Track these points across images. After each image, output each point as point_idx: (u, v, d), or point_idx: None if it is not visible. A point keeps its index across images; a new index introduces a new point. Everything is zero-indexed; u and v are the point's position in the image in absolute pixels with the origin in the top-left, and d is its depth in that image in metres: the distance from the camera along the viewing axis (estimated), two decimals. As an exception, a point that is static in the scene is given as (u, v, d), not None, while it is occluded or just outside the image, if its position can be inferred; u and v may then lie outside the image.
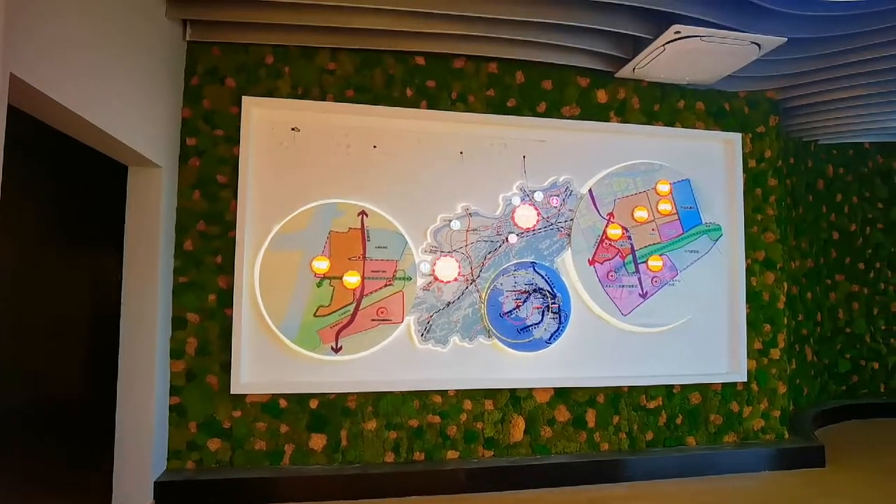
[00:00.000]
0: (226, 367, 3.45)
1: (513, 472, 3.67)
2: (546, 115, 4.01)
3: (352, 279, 3.59)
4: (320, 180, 3.66)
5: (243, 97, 3.57)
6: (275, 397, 3.52)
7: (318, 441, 3.56)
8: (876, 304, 6.04)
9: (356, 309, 3.59)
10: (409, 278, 3.68)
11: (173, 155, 3.44)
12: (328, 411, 3.58)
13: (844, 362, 5.90)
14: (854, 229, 6.04)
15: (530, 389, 3.86)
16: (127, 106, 2.73)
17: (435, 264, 3.74)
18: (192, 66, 3.56)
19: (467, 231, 3.82)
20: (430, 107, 3.84)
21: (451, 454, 3.72)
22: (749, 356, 4.25)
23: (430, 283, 3.74)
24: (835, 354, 5.86)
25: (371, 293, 3.61)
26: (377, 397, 3.64)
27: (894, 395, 5.99)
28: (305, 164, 3.66)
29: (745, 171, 4.35)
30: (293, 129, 3.67)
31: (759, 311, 4.32)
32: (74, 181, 2.71)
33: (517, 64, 3.96)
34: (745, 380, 4.22)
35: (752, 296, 4.30)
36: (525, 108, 3.98)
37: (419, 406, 3.69)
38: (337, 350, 3.56)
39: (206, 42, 3.56)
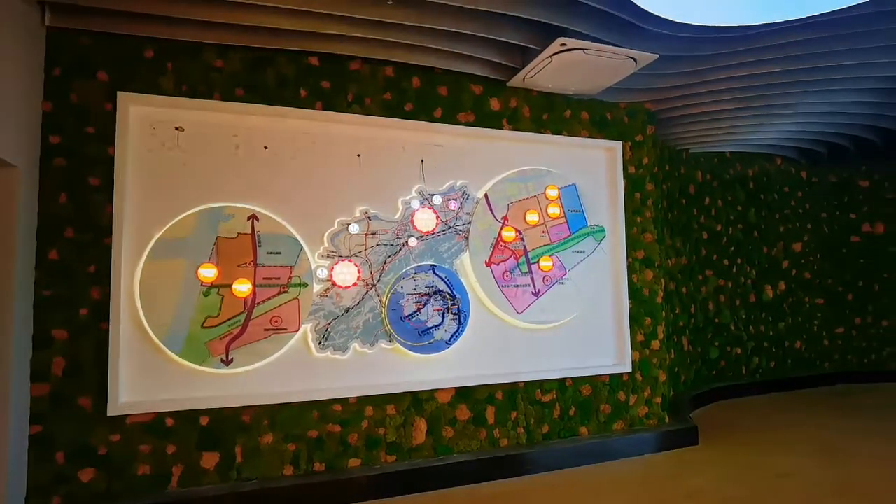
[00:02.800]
0: (101, 388, 3.15)
1: (416, 474, 3.67)
2: (442, 120, 4.07)
3: (242, 287, 3.42)
4: (207, 183, 3.45)
5: (119, 93, 3.28)
6: (159, 416, 3.26)
7: (210, 459, 3.35)
8: (738, 296, 6.77)
9: (247, 318, 3.42)
10: (305, 284, 3.57)
11: (32, 153, 3.08)
12: (221, 427, 3.38)
13: (714, 350, 6.54)
14: (720, 229, 6.72)
15: (432, 391, 3.90)
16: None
17: (333, 269, 3.66)
18: (55, 56, 3.21)
19: (366, 235, 3.78)
20: (325, 108, 3.76)
21: (353, 462, 3.66)
22: (633, 348, 4.59)
23: (328, 288, 3.65)
24: (706, 343, 6.49)
25: (263, 301, 3.46)
26: (274, 410, 3.49)
27: (753, 376, 6.75)
28: (190, 166, 3.43)
29: (625, 176, 4.69)
30: (177, 129, 3.44)
31: (640, 305, 4.67)
32: None
33: (413, 69, 3.99)
34: (630, 370, 4.54)
35: (633, 292, 4.64)
36: (422, 112, 4.02)
37: (318, 416, 3.59)
38: (227, 362, 3.37)
39: (72, 29, 3.23)
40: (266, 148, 3.61)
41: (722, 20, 3.39)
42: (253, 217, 3.49)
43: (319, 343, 3.60)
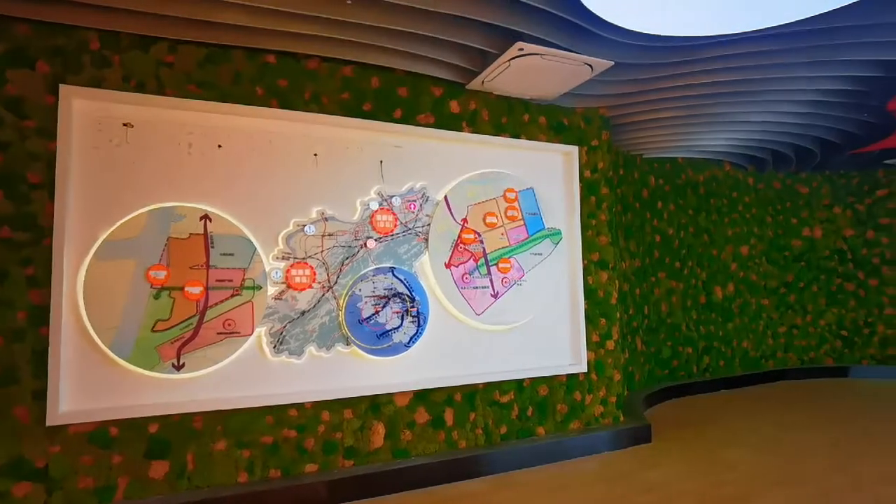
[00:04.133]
0: (40, 396, 2.98)
1: (374, 479, 3.63)
2: (402, 121, 4.06)
3: (194, 289, 3.31)
4: (157, 182, 3.33)
5: (61, 86, 3.13)
6: (104, 425, 3.12)
7: (159, 468, 3.22)
8: (689, 297, 7.00)
9: (200, 322, 3.32)
10: (259, 287, 3.49)
11: (-35, 149, 2.91)
12: (171, 434, 3.26)
13: (667, 349, 6.75)
14: (672, 233, 6.94)
15: (390, 394, 3.87)
16: None
17: (288, 271, 3.59)
18: (-10, 45, 3.04)
19: (323, 236, 3.72)
20: (282, 107, 3.69)
21: (310, 467, 3.59)
22: (588, 348, 4.68)
23: (283, 291, 3.58)
24: (659, 343, 6.68)
25: (216, 304, 3.36)
26: (227, 415, 3.39)
27: (704, 375, 6.99)
28: (140, 164, 3.30)
29: (581, 180, 4.79)
30: (125, 125, 3.30)
31: (595, 306, 4.77)
32: None
33: (373, 69, 3.97)
34: (586, 370, 4.63)
35: (589, 293, 4.74)
36: (381, 113, 4.00)
37: (273, 421, 3.51)
38: (179, 367, 3.25)
39: (9, 17, 3.06)
40: (220, 147, 3.51)
41: (673, 30, 3.51)
42: (205, 217, 3.39)
43: (274, 347, 3.52)
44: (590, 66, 3.87)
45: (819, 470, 3.89)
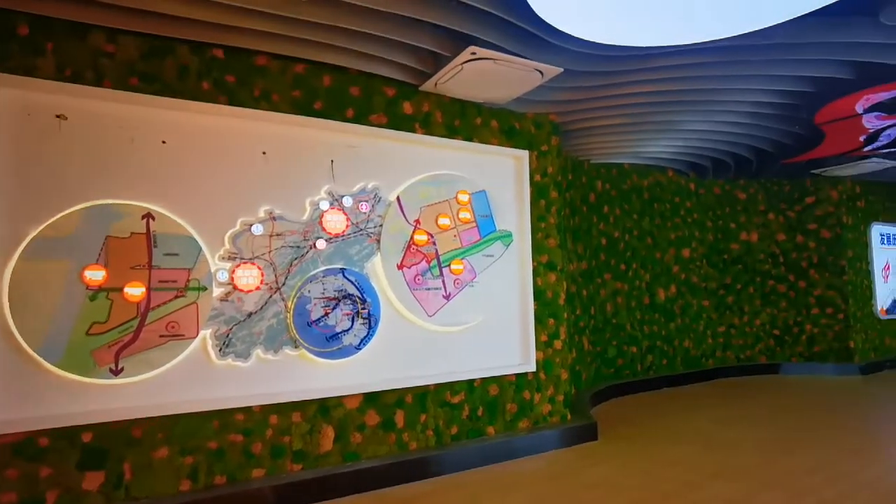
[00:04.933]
0: (-41, 404, 2.79)
1: (323, 482, 3.58)
2: (354, 121, 4.02)
3: (135, 291, 3.18)
4: (94, 178, 3.17)
5: (-15, 73, 2.95)
6: (31, 435, 2.94)
7: (93, 480, 3.07)
8: (633, 298, 7.24)
9: (141, 324, 3.18)
10: (205, 288, 3.38)
11: None
12: (107, 443, 3.10)
13: (612, 349, 6.95)
14: (617, 236, 7.16)
15: (340, 397, 3.82)
16: None
17: (234, 272, 3.49)
18: None
19: (271, 236, 3.64)
20: (230, 103, 3.59)
21: (257, 472, 3.51)
22: (537, 348, 4.77)
23: (230, 292, 3.48)
24: (605, 342, 6.88)
25: (159, 306, 3.23)
26: (169, 421, 3.26)
27: (647, 373, 7.25)
28: (75, 159, 3.14)
29: (531, 184, 4.88)
30: (59, 117, 3.13)
31: (544, 307, 4.87)
32: None
33: (325, 67, 3.92)
34: (535, 369, 4.72)
35: (538, 294, 4.83)
36: (333, 112, 3.95)
37: (219, 426, 3.40)
38: (117, 372, 3.11)
39: (-71, 1, 2.86)
40: (164, 142, 3.38)
41: (620, 40, 3.62)
42: (148, 216, 3.26)
43: (220, 350, 3.41)
44: (540, 72, 3.94)
45: (752, 463, 4.10)
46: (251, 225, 3.58)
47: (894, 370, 8.21)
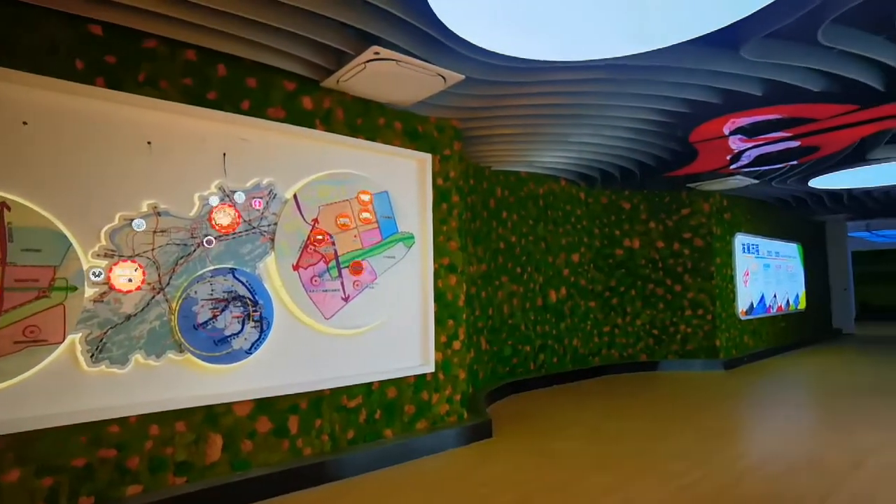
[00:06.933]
0: None
1: (209, 494, 3.38)
2: (250, 113, 3.84)
3: (-15, 291, 2.81)
4: (-65, 161, 2.77)
5: None
6: None
7: (-74, 508, 2.67)
8: (528, 299, 7.56)
9: (-9, 328, 2.82)
10: (74, 288, 3.06)
11: None
12: (-55, 465, 2.72)
13: (508, 348, 7.21)
14: (514, 240, 7.44)
15: (229, 404, 3.63)
16: None
17: (111, 271, 3.20)
18: None
19: (154, 232, 3.38)
20: (109, 86, 3.28)
21: (133, 489, 3.23)
22: (437, 349, 4.83)
23: (105, 293, 3.18)
24: (501, 342, 7.11)
25: (15, 308, 2.85)
26: (25, 439, 2.90)
27: (540, 371, 7.59)
28: None
29: (434, 187, 4.94)
30: None
31: (444, 308, 4.94)
32: None
33: (220, 56, 3.70)
34: (434, 370, 4.77)
35: (438, 296, 4.89)
36: (227, 103, 3.74)
37: (88, 440, 3.09)
38: (-40, 383, 2.73)
39: None
40: (25, 123, 3.01)
41: (517, 52, 3.76)
42: (2, 206, 2.89)
43: (92, 356, 3.11)
44: (443, 77, 4.00)
45: (630, 452, 4.43)
46: (132, 220, 3.30)
47: (751, 364, 9.26)
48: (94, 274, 3.13)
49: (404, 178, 4.76)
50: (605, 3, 3.13)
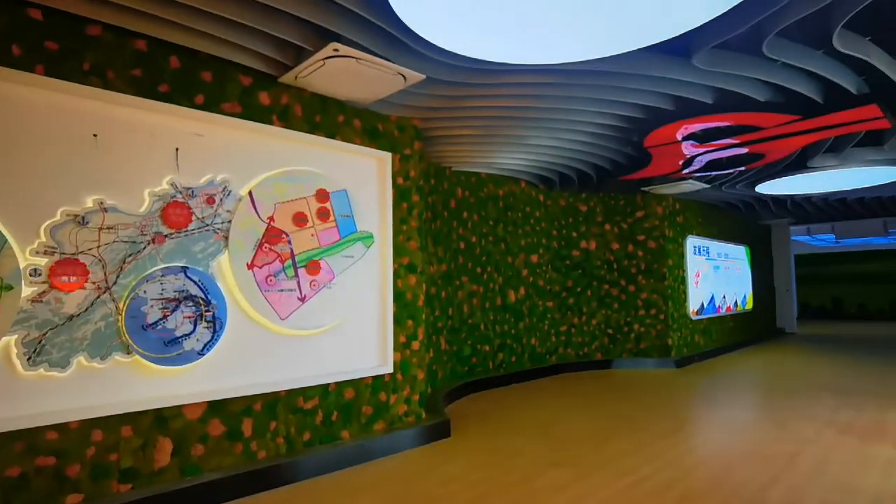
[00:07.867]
0: None
1: (157, 501, 3.26)
2: (204, 108, 3.73)
3: (-89, 289, 2.63)
4: None
5: None
6: None
7: None
8: (487, 299, 7.61)
9: (-82, 330, 2.64)
10: (10, 287, 2.89)
11: None
12: None
13: (467, 348, 7.24)
14: (475, 241, 7.48)
15: (180, 406, 3.51)
16: None
17: (52, 269, 3.04)
18: None
19: (100, 229, 3.23)
20: (49, 74, 3.12)
21: (72, 499, 3.08)
22: (395, 349, 4.80)
23: (45, 292, 3.02)
24: (461, 342, 7.14)
25: (-57, 307, 2.71)
26: (-45, 445, 2.75)
27: (499, 370, 7.66)
28: None
29: (394, 186, 4.91)
30: None
31: (403, 308, 4.92)
32: None
33: (172, 48, 3.58)
34: (392, 371, 4.74)
35: (398, 296, 4.87)
36: (180, 96, 3.62)
37: (23, 449, 2.93)
38: None
39: None
40: (-43, 113, 2.84)
41: (477, 53, 3.78)
42: (-69, 199, 2.71)
43: (29, 359, 2.95)
44: (403, 76, 3.98)
45: (584, 449, 4.51)
46: (76, 216, 3.15)
47: (702, 363, 9.59)
48: (32, 272, 2.97)
49: (364, 177, 4.72)
50: (562, 9, 3.18)
